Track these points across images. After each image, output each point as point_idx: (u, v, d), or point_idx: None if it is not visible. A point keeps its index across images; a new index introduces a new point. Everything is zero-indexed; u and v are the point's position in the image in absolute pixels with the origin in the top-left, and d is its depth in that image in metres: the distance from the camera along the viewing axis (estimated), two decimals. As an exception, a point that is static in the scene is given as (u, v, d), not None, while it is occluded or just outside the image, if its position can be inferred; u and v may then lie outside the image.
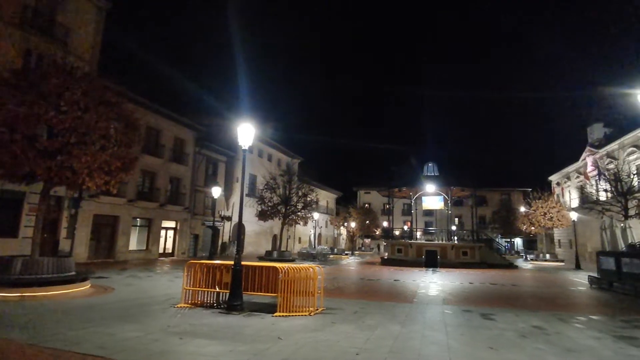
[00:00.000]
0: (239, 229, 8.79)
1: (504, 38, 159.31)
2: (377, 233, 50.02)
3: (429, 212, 45.98)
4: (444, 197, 28.47)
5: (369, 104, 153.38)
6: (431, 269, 21.70)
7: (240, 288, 7.62)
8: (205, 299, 8.16)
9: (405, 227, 41.01)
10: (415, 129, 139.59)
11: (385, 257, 26.85)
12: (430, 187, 27.28)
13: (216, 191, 21.03)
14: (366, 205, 56.57)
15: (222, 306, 7.86)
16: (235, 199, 30.77)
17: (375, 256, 39.07)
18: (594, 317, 8.22)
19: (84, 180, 9.52)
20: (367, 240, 56.46)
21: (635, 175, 24.73)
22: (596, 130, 36.39)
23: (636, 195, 22.20)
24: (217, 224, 27.61)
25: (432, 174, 28.46)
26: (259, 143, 35.69)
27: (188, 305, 7.90)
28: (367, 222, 47.30)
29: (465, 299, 10.59)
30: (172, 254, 25.68)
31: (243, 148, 8.69)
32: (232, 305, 7.45)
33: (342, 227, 51.59)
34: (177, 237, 26.17)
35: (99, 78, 11.54)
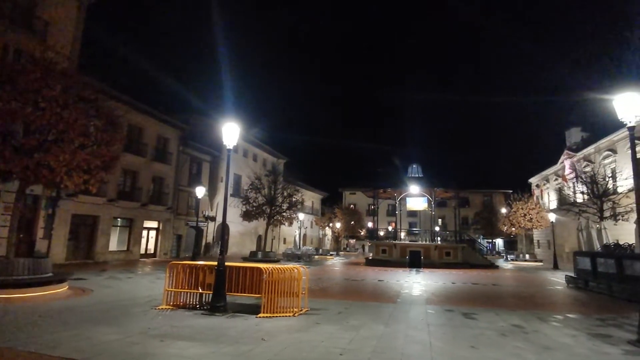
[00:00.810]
0: (223, 229, 8.70)
1: (487, 43, 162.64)
2: (362, 233, 50.33)
3: (413, 213, 46.52)
4: (428, 198, 28.85)
5: (354, 105, 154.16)
6: (415, 269, 21.94)
7: (223, 289, 7.54)
8: (188, 301, 8.04)
9: (390, 228, 41.36)
10: (400, 131, 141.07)
11: (370, 258, 27.01)
12: (414, 188, 27.60)
13: (200, 191, 20.78)
14: (351, 205, 56.85)
15: (205, 307, 7.75)
16: (219, 199, 30.43)
17: (360, 257, 39.26)
18: (570, 315, 8.47)
19: (62, 179, 9.25)
20: (352, 241, 56.72)
21: (610, 178, 25.63)
22: (574, 134, 37.57)
23: (611, 197, 23.00)
24: (200, 224, 27.25)
25: (416, 176, 28.82)
26: (244, 143, 35.41)
27: (170, 307, 7.76)
28: (352, 222, 47.55)
29: (447, 298, 10.75)
30: (154, 255, 25.21)
31: (228, 147, 8.61)
32: (215, 306, 7.36)
33: (327, 228, 51.69)
34: (159, 237, 25.70)
35: (79, 74, 11.23)
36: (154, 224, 25.49)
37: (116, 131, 10.74)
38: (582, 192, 25.19)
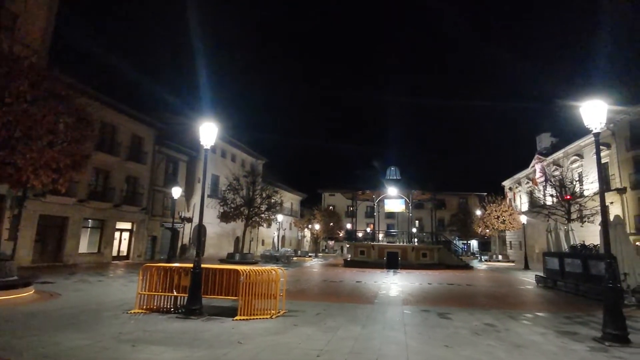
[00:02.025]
0: (200, 230, 8.53)
1: (465, 50, 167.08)
2: (340, 235, 50.53)
3: (391, 215, 47.07)
4: (405, 200, 29.30)
5: (334, 107, 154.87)
6: (392, 270, 22.21)
7: (199, 292, 7.38)
8: (162, 304, 7.83)
9: (369, 230, 41.72)
10: (379, 133, 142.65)
11: (349, 259, 27.15)
12: (392, 190, 27.97)
13: (176, 191, 20.31)
14: (330, 207, 56.97)
15: (179, 311, 7.57)
16: (196, 199, 29.87)
17: (338, 258, 39.41)
18: (540, 314, 8.78)
19: (29, 178, 8.84)
20: (331, 242, 56.87)
21: (577, 182, 26.79)
22: (544, 139, 39.11)
23: (578, 200, 24.04)
24: (176, 225, 26.64)
25: (394, 178, 29.20)
26: (222, 143, 34.91)
27: (143, 311, 7.53)
28: (331, 224, 47.66)
29: (424, 299, 10.93)
30: (127, 257, 24.44)
31: (205, 147, 8.46)
32: (191, 309, 7.20)
33: (306, 229, 51.60)
34: (133, 239, 24.95)
35: (49, 69, 10.79)
36: (128, 225, 24.73)
37: (87, 129, 10.36)
38: (552, 195, 26.19)
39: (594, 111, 6.83)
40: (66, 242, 20.20)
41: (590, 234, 21.50)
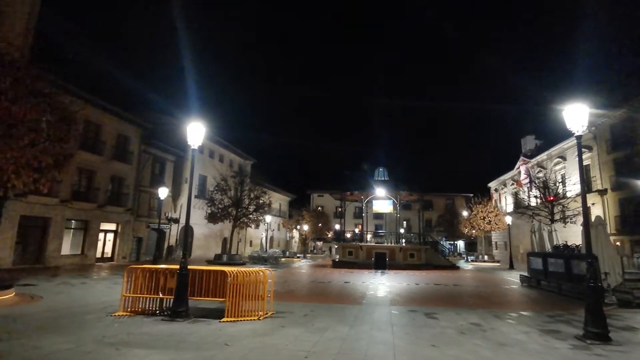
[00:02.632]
0: (186, 231, 8.42)
1: (452, 54, 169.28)
2: (329, 236, 50.57)
3: (379, 216, 47.34)
4: (393, 201, 29.49)
5: (323, 109, 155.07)
6: (380, 271, 22.32)
7: (185, 293, 7.29)
8: (147, 306, 7.71)
9: (357, 230, 41.91)
10: (367, 134, 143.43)
11: (337, 260, 27.18)
12: (380, 191, 28.13)
13: (163, 192, 20.03)
14: (319, 208, 56.97)
15: (165, 313, 7.47)
16: (183, 200, 29.50)
17: (327, 259, 39.42)
18: (524, 313, 8.93)
19: (10, 178, 8.60)
20: (320, 243, 56.83)
21: (560, 183, 27.38)
22: (529, 142, 39.91)
23: (561, 201, 24.58)
24: (163, 226, 26.28)
25: (382, 179, 29.37)
26: (210, 143, 34.60)
27: (127, 314, 7.40)
28: (320, 225, 47.64)
29: (411, 299, 11.01)
30: (111, 259, 23.98)
31: (192, 147, 8.36)
32: (177, 311, 7.10)
33: (294, 230, 51.49)
34: (117, 240, 24.48)
35: (32, 66, 10.51)
36: (112, 226, 24.27)
37: (71, 127, 10.14)
38: (536, 197, 26.72)
39: (576, 114, 6.99)
40: (48, 244, 19.72)
41: (572, 235, 22.00)
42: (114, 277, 14.91)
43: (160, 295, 7.62)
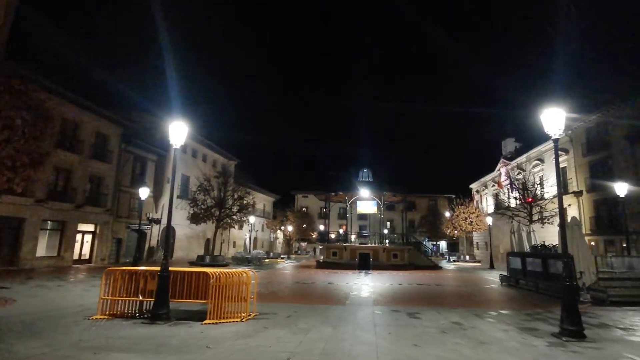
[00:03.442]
0: (168, 232, 8.27)
1: (434, 58, 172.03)
2: (313, 237, 50.55)
3: (363, 216, 47.73)
4: (377, 202, 29.72)
5: (307, 109, 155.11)
6: (364, 271, 22.44)
7: (166, 295, 7.15)
8: (126, 309, 7.53)
9: (341, 231, 42.00)
10: (351, 136, 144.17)
11: (321, 260, 27.20)
12: (364, 192, 28.30)
13: (144, 192, 19.57)
14: (304, 209, 56.91)
15: (145, 316, 7.31)
16: (165, 200, 28.97)
17: (311, 259, 39.40)
18: (503, 311, 9.13)
19: (-19, 176, 8.27)
20: (304, 244, 56.76)
21: (538, 185, 28.15)
22: (509, 144, 40.89)
23: (539, 202, 25.26)
24: (143, 227, 25.73)
25: (367, 180, 29.57)
26: (193, 142, 34.11)
27: (105, 317, 7.21)
28: (304, 225, 47.58)
29: (394, 299, 11.11)
30: (89, 261, 23.33)
31: (175, 147, 8.22)
32: (157, 314, 6.96)
33: (279, 231, 51.25)
34: (96, 241, 23.84)
35: (6, 62, 10.14)
36: (90, 227, 23.62)
37: (47, 125, 9.82)
38: (515, 198, 27.39)
39: (553, 118, 7.20)
40: (23, 245, 19.02)
41: (550, 235, 22.65)
42: (91, 279, 14.51)
43: (140, 298, 7.46)
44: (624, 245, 19.55)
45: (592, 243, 24.24)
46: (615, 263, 12.43)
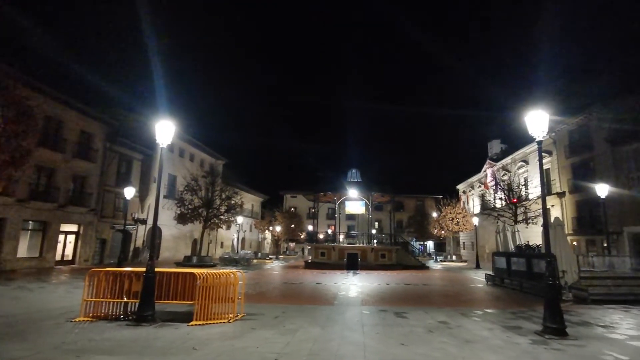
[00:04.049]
0: (154, 232, 8.14)
1: (422, 61, 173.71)
2: (302, 237, 50.48)
3: (351, 217, 47.73)
4: (366, 202, 29.85)
5: (296, 110, 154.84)
6: (352, 271, 22.51)
7: (152, 297, 7.04)
8: (110, 311, 7.39)
9: (330, 231, 42.08)
10: (340, 136, 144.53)
11: (309, 261, 27.17)
12: (353, 192, 28.37)
13: (129, 192, 19.26)
14: (292, 209, 56.81)
15: (130, 318, 7.18)
16: (151, 200, 28.54)
17: (299, 260, 39.33)
18: (488, 310, 9.28)
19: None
20: (292, 244, 56.65)
21: (523, 186, 28.67)
22: (495, 146, 41.57)
23: (523, 203, 25.73)
24: (129, 227, 25.30)
25: (355, 180, 29.65)
26: (180, 142, 33.69)
27: (89, 319, 7.07)
28: (293, 226, 47.50)
29: (381, 299, 11.17)
30: (72, 262, 22.83)
31: (161, 146, 8.11)
32: (142, 316, 6.85)
33: (267, 231, 51.02)
34: (79, 242, 23.33)
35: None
36: (74, 228, 23.11)
37: (29, 123, 9.58)
38: (501, 198, 27.83)
39: (537, 120, 7.35)
40: (3, 246, 18.48)
41: (534, 235, 23.09)
42: (74, 280, 14.20)
43: (125, 299, 7.34)
44: (605, 245, 20.09)
45: (574, 243, 24.82)
46: (597, 262, 12.74)
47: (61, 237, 22.27)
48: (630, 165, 22.08)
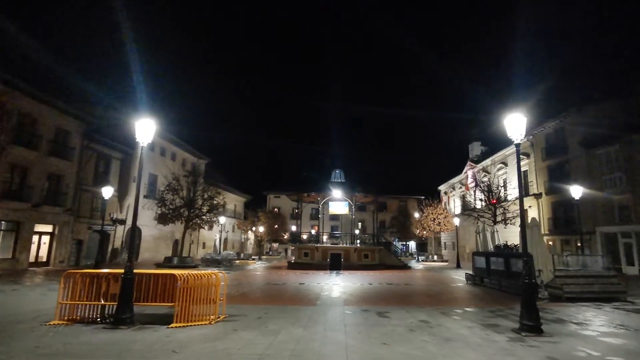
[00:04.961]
0: (133, 233, 7.97)
1: (406, 63, 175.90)
2: (285, 237, 50.26)
3: (335, 217, 47.80)
4: (349, 202, 29.98)
5: (280, 110, 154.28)
6: (335, 272, 22.56)
7: (130, 299, 6.88)
8: (87, 314, 7.19)
9: (313, 232, 42.02)
10: (324, 137, 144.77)
11: (292, 261, 27.10)
12: (336, 192, 28.46)
13: (107, 191, 18.77)
14: (275, 209, 56.51)
15: (107, 321, 7.00)
16: (130, 200, 27.88)
17: (282, 260, 39.16)
18: (468, 309, 9.46)
19: None
20: (275, 245, 56.36)
21: (502, 187, 29.39)
22: (475, 148, 42.47)
23: (502, 204, 26.37)
24: (107, 228, 24.65)
25: (339, 181, 29.76)
26: (161, 140, 33.06)
27: (64, 322, 6.85)
28: (276, 226, 47.26)
29: (364, 299, 11.24)
30: (47, 263, 22.08)
31: (141, 144, 7.94)
32: (120, 318, 6.68)
33: (250, 232, 50.59)
34: (54, 243, 22.59)
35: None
36: (48, 228, 22.36)
37: (2, 119, 9.21)
38: (481, 199, 28.46)
39: (516, 124, 7.54)
40: (-29, 247, 17.74)
41: (512, 235, 23.70)
42: (49, 283, 13.74)
43: (102, 302, 7.15)
44: (579, 244, 20.80)
45: (550, 243, 25.61)
46: (571, 261, 13.16)
47: (35, 238, 21.52)
48: (603, 168, 22.95)
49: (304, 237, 32.89)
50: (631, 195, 21.03)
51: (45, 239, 22.33)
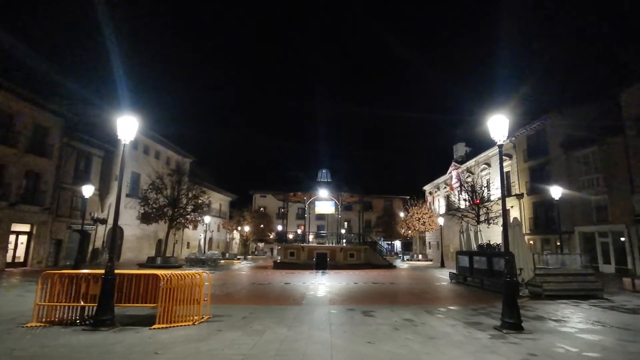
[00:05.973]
0: (114, 232, 7.80)
1: (392, 65, 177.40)
2: (271, 237, 50.01)
3: (321, 216, 47.93)
4: (335, 202, 30.05)
5: (266, 109, 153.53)
6: (321, 271, 22.56)
7: (111, 300, 6.73)
8: (66, 316, 7.00)
9: (299, 231, 41.97)
10: (310, 137, 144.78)
11: (278, 261, 27.00)
12: (323, 192, 28.49)
13: (88, 190, 18.30)
14: (261, 209, 56.17)
15: (87, 322, 6.83)
16: (112, 199, 27.27)
17: (268, 260, 38.94)
18: (451, 307, 9.60)
19: None
20: (261, 245, 56.01)
21: (486, 188, 29.94)
22: (460, 148, 43.15)
23: (485, 204, 26.87)
24: (87, 227, 24.04)
25: (325, 180, 29.78)
26: (145, 138, 32.44)
27: (42, 324, 6.66)
28: (262, 226, 46.97)
29: (349, 298, 11.28)
30: (24, 264, 21.40)
31: (124, 142, 7.78)
32: (100, 320, 6.53)
33: (235, 231, 50.16)
34: (32, 243, 21.91)
35: None
36: (26, 227, 21.67)
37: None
38: (465, 200, 28.93)
39: (498, 125, 7.68)
40: (-57, 248, 17.06)
41: (495, 234, 24.16)
42: (26, 284, 13.33)
43: (82, 303, 6.97)
44: (558, 243, 21.37)
45: (531, 242, 26.24)
46: (550, 260, 13.49)
47: (12, 238, 20.82)
48: (582, 169, 23.62)
49: (290, 236, 32.83)
50: (608, 196, 21.72)
51: (23, 238, 21.64)
